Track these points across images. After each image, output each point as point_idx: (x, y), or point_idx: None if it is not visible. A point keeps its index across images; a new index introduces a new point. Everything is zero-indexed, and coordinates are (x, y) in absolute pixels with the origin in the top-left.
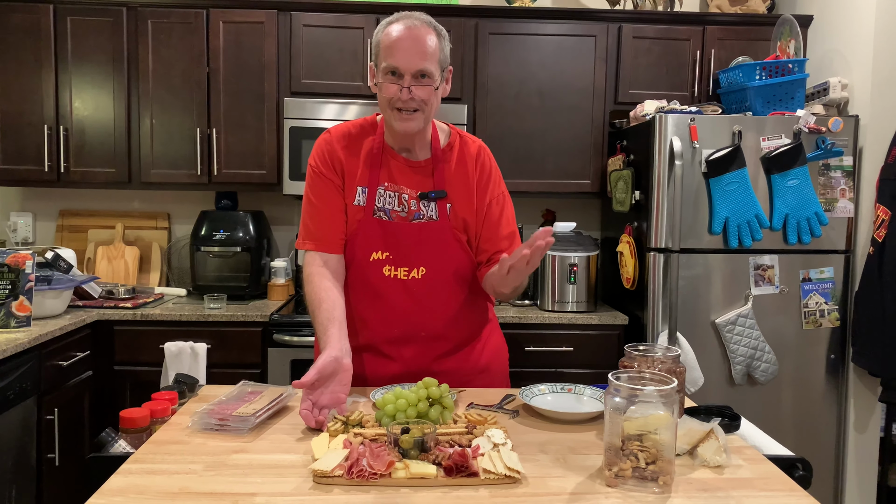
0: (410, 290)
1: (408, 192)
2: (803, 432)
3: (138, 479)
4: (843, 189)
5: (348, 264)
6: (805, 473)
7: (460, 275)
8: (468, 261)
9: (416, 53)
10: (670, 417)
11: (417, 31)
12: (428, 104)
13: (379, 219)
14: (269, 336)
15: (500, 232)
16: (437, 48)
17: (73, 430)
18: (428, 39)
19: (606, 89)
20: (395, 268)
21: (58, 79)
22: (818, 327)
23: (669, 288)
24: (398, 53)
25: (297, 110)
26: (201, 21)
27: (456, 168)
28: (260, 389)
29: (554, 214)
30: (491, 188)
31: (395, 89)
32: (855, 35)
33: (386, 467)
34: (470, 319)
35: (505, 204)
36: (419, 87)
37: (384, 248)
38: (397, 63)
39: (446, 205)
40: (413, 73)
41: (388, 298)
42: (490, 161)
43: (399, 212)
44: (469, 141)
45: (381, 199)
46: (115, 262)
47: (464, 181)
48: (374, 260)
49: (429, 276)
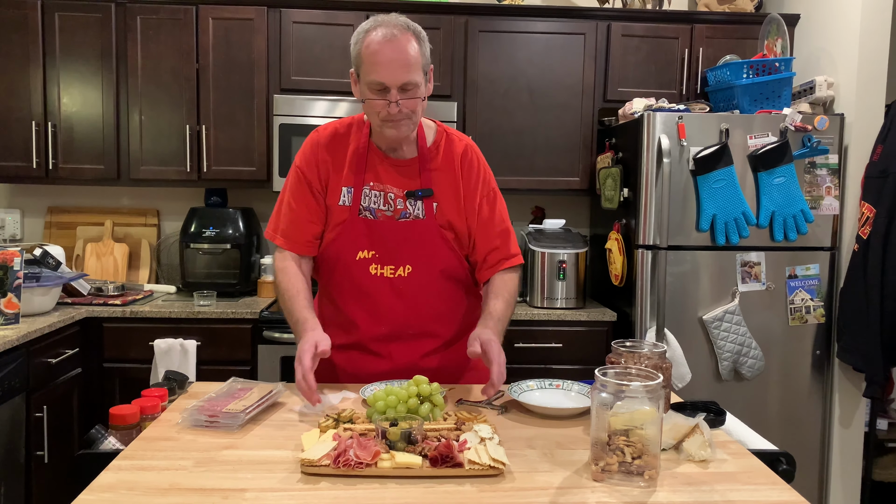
0: (397, 288)
1: (394, 192)
2: (789, 427)
3: (128, 475)
4: (828, 187)
5: (334, 264)
6: (788, 467)
7: (447, 273)
8: (455, 259)
9: (400, 66)
10: (656, 413)
11: (398, 43)
12: (415, 112)
13: (364, 218)
14: (258, 333)
15: (492, 230)
16: (418, 54)
17: (63, 427)
18: (409, 48)
19: (595, 87)
20: (381, 266)
21: (46, 75)
22: (804, 323)
23: (657, 284)
24: (381, 69)
25: (286, 107)
26: (190, 17)
27: (442, 166)
28: (250, 386)
29: (543, 211)
30: (481, 187)
31: (382, 104)
32: (841, 34)
33: (372, 457)
34: (458, 317)
35: (496, 201)
36: (407, 100)
37: (370, 247)
38: (382, 78)
39: (433, 203)
40: (399, 87)
41: (375, 297)
42: (478, 159)
43: (385, 211)
44: (456, 139)
45: (366, 199)
46: (104, 259)
47: (450, 180)
48: (360, 259)
49: (415, 274)
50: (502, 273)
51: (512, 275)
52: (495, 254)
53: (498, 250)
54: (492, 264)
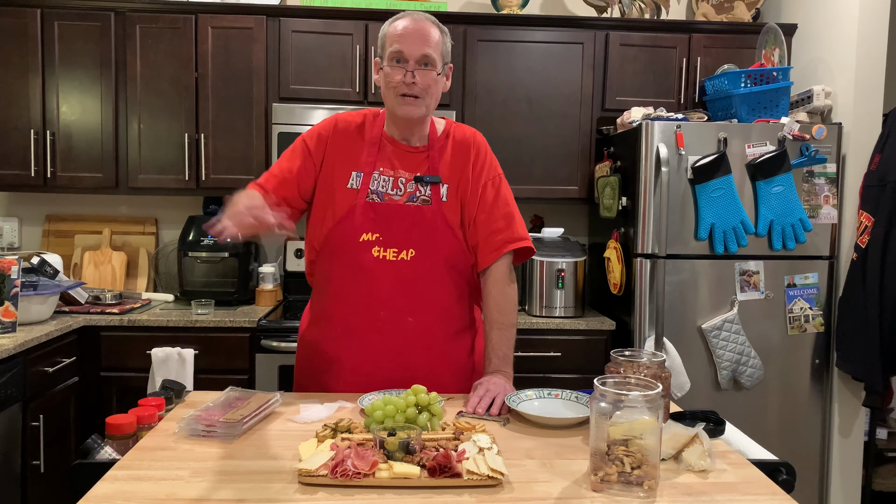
0: (399, 273)
1: (404, 176)
2: (789, 437)
3: (125, 485)
4: (826, 196)
5: (337, 247)
6: (788, 478)
7: (450, 262)
8: (459, 248)
9: (420, 40)
10: (655, 422)
11: (422, 24)
12: (429, 93)
13: (371, 201)
14: (256, 342)
15: (495, 212)
16: (439, 40)
17: (59, 436)
18: (431, 31)
19: (594, 96)
20: (384, 249)
21: (45, 83)
22: (803, 332)
23: (656, 293)
24: (403, 41)
25: (285, 116)
26: (190, 26)
27: (451, 151)
28: (247, 395)
29: (542, 220)
30: (486, 170)
31: (399, 74)
32: (838, 44)
33: (370, 467)
34: (457, 314)
35: (501, 185)
36: (422, 73)
37: (374, 230)
38: (402, 48)
39: (440, 190)
40: (417, 59)
41: (376, 280)
42: (484, 145)
43: (392, 195)
44: (464, 127)
45: (375, 183)
46: (101, 268)
47: (458, 165)
48: (363, 241)
49: (418, 259)
50: (501, 288)
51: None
52: (498, 236)
53: (501, 232)
54: (495, 247)
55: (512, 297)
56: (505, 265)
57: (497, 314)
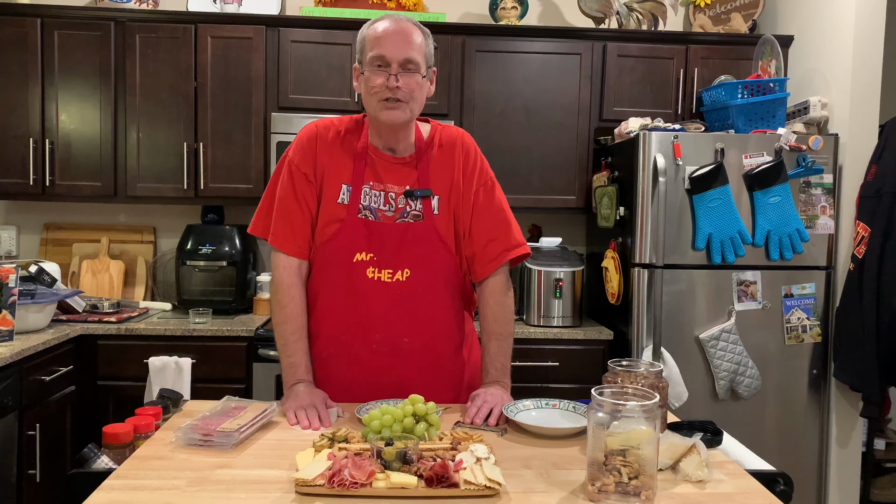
0: (395, 294)
1: (394, 190)
2: (786, 447)
3: (121, 494)
4: (823, 206)
5: (329, 265)
6: (786, 488)
7: (445, 278)
8: (454, 264)
9: (403, 43)
10: (653, 432)
11: (404, 25)
12: (413, 97)
13: (364, 218)
14: (254, 351)
15: (490, 219)
16: (422, 43)
17: (55, 445)
18: (414, 33)
19: (591, 106)
20: (378, 269)
21: (44, 92)
22: (800, 342)
23: (654, 303)
24: (384, 44)
25: (284, 125)
26: (189, 36)
27: (438, 157)
28: (244, 405)
29: (540, 230)
30: (477, 176)
31: (381, 79)
32: (834, 55)
33: (367, 477)
34: (454, 330)
35: (493, 190)
36: (406, 76)
37: (368, 249)
38: (384, 51)
39: (431, 202)
40: (400, 62)
41: (371, 302)
42: (473, 147)
43: (385, 211)
44: (451, 129)
45: (366, 198)
46: (99, 276)
47: (447, 171)
48: (357, 261)
49: (413, 279)
50: (499, 299)
51: (505, 300)
52: (495, 245)
53: (497, 241)
54: (492, 257)
55: (509, 306)
56: (502, 275)
57: (494, 325)
